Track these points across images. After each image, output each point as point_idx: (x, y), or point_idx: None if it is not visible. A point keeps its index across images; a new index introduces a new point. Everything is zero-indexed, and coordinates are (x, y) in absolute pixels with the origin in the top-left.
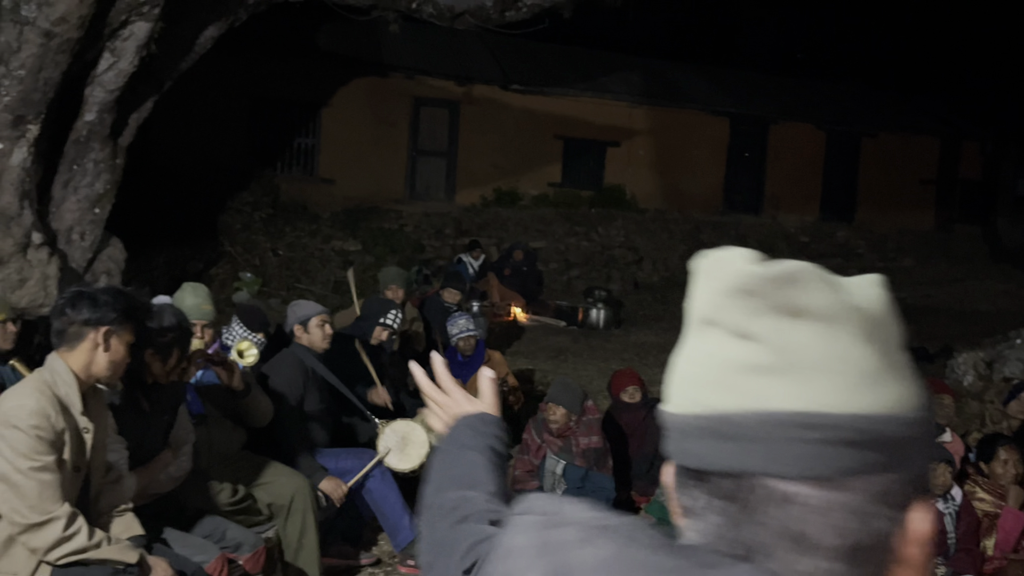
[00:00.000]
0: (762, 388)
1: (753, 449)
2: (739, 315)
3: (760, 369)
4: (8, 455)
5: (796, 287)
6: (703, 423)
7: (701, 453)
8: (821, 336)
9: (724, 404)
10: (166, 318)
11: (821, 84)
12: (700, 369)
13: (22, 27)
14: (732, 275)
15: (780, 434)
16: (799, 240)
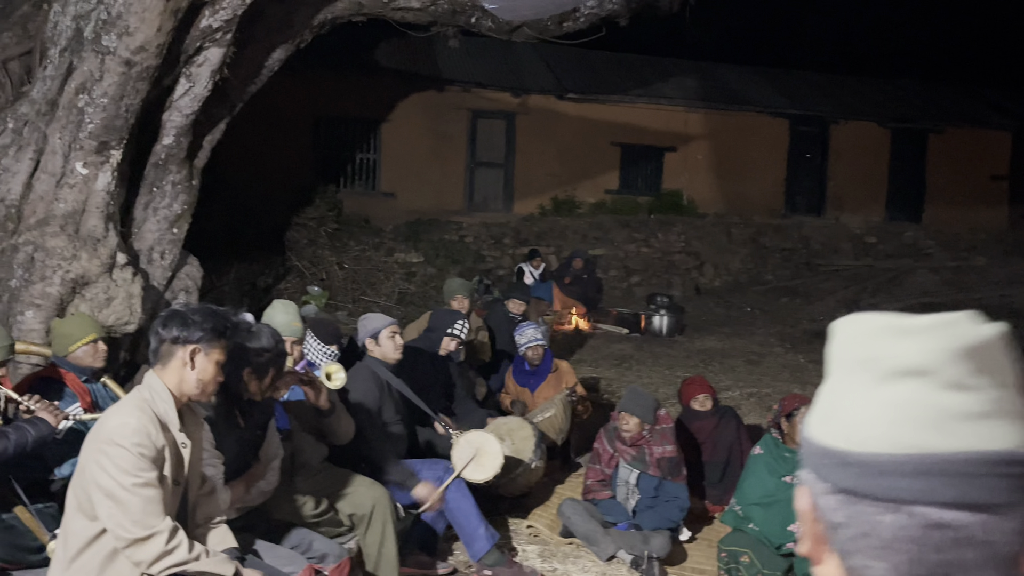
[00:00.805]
0: (980, 432)
1: (971, 483)
2: (958, 370)
3: (977, 416)
4: (113, 472)
5: (1003, 347)
6: (916, 460)
7: (912, 486)
8: (1014, 389)
9: (939, 441)
10: (264, 338)
11: (883, 81)
12: (908, 413)
13: (104, 57)
14: (956, 336)
15: (993, 470)
16: (865, 241)
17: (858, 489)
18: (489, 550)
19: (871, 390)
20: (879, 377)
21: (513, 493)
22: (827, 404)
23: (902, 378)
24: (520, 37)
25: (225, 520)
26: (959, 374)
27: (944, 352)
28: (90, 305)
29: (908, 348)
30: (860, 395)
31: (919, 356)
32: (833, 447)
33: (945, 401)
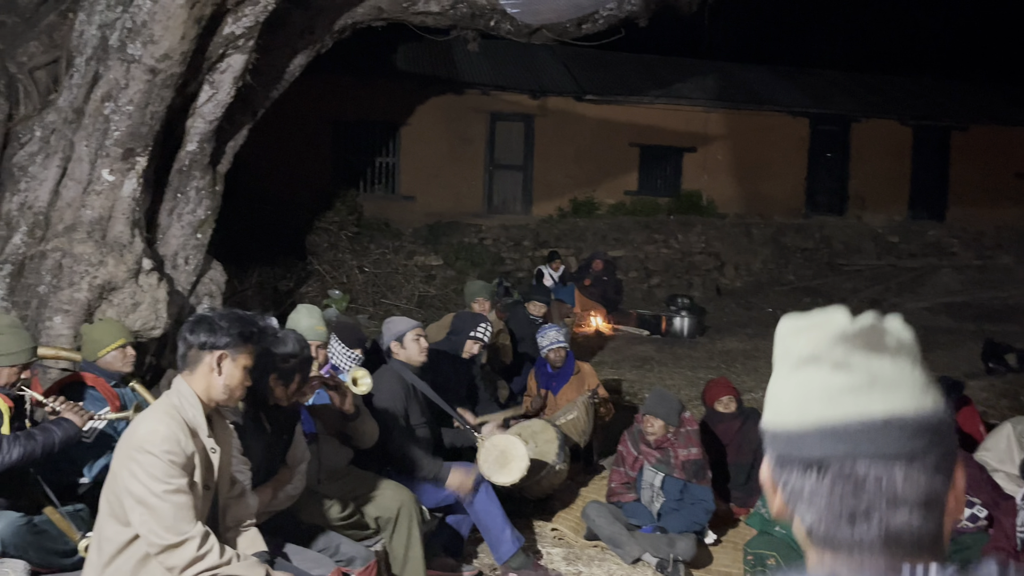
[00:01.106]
0: (859, 402)
1: (860, 443)
2: (839, 353)
3: (856, 389)
4: (144, 479)
5: (875, 334)
6: (819, 430)
7: (819, 450)
8: (893, 364)
9: (834, 415)
10: (290, 344)
11: (904, 78)
12: (807, 392)
13: (129, 65)
14: (833, 327)
15: (877, 432)
16: (887, 240)
17: (785, 457)
18: (515, 553)
19: (786, 378)
20: (790, 367)
21: (537, 495)
22: (768, 393)
23: (803, 365)
24: (539, 39)
25: (255, 524)
26: (837, 355)
27: (823, 339)
28: (117, 310)
29: (802, 341)
30: (781, 383)
31: (808, 345)
32: (769, 427)
33: (830, 380)
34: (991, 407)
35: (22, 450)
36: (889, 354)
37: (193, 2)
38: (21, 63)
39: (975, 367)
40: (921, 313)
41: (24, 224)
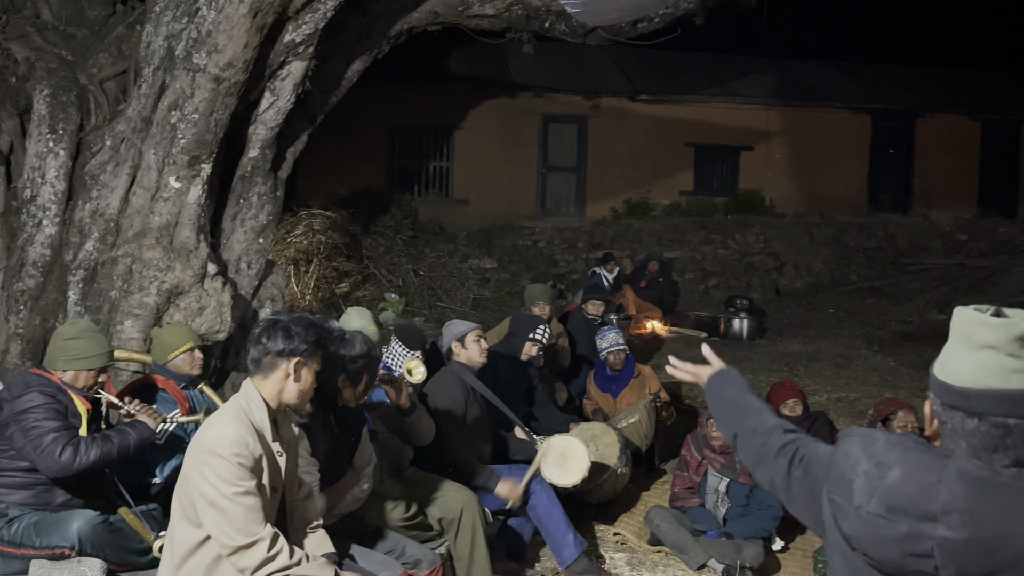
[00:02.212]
0: (1020, 379)
1: (1016, 406)
2: (1015, 348)
3: (1017, 373)
4: (215, 482)
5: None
6: (987, 393)
7: (982, 407)
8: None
9: (1001, 384)
10: (358, 346)
11: (971, 71)
12: (985, 368)
13: (194, 74)
14: (1013, 328)
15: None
16: (955, 239)
17: (955, 404)
18: (578, 557)
19: (967, 354)
20: (971, 348)
21: (598, 499)
22: (945, 357)
23: (982, 349)
24: (594, 40)
25: (322, 525)
26: (1013, 349)
27: (1005, 337)
28: (184, 314)
29: (987, 333)
30: (960, 355)
31: (992, 338)
32: (946, 381)
33: (1004, 363)
34: None
35: (99, 451)
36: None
37: (255, 11)
38: (91, 74)
39: None
40: None
41: (96, 231)
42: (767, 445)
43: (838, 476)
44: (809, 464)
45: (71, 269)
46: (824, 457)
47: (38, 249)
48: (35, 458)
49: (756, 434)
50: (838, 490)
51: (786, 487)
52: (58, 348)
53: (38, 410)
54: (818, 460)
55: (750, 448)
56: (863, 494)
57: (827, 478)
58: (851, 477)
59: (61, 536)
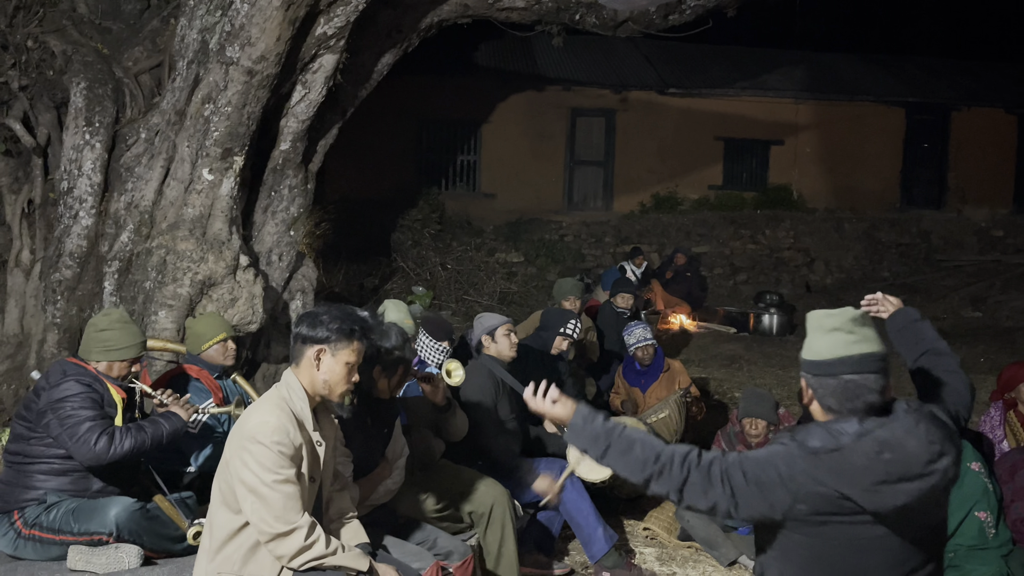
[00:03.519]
0: (857, 347)
1: (856, 365)
2: (850, 326)
3: (855, 343)
4: (255, 469)
5: (861, 317)
6: (838, 359)
7: (837, 370)
8: (868, 331)
9: (845, 352)
10: (393, 337)
11: (1009, 65)
12: (834, 343)
13: (227, 67)
14: (846, 314)
15: (863, 360)
16: (991, 235)
17: (820, 373)
18: (608, 551)
19: (821, 337)
20: (823, 332)
21: (628, 494)
22: (806, 345)
23: (831, 331)
24: (624, 32)
25: (356, 516)
26: (849, 327)
27: (844, 320)
28: (216, 305)
29: (832, 320)
30: (817, 339)
31: (835, 323)
32: (812, 359)
33: (846, 338)
34: None
35: (133, 441)
36: (867, 326)
37: (288, 4)
38: (127, 68)
39: None
40: None
41: (131, 222)
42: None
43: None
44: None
45: (107, 260)
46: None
47: (74, 240)
48: (71, 446)
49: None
50: (832, 482)
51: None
52: (92, 339)
53: (75, 399)
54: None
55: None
56: (874, 473)
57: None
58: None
59: (99, 522)
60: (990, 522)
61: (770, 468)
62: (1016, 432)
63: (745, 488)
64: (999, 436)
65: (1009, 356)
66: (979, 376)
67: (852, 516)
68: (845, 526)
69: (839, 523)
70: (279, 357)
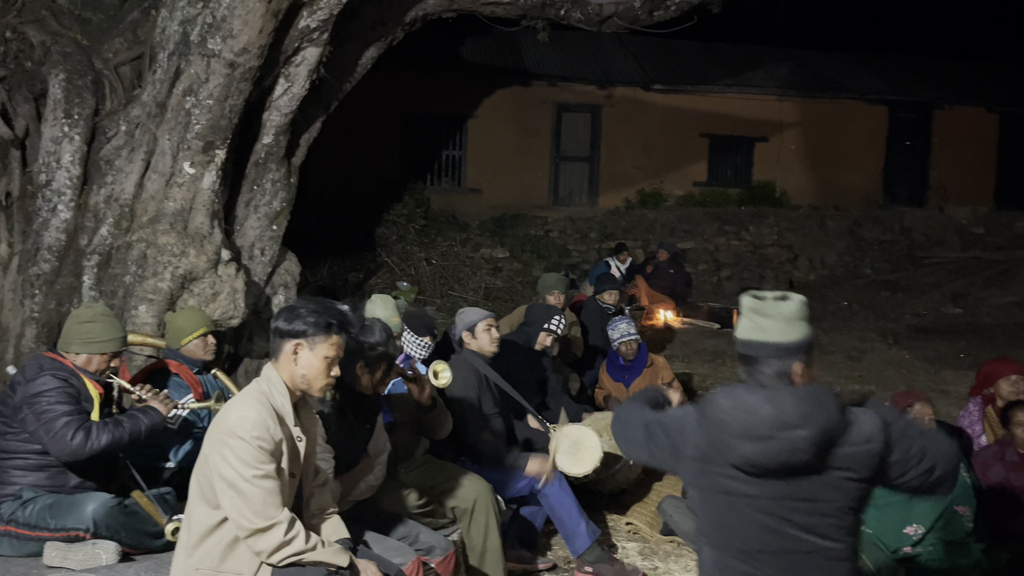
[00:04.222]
0: (765, 333)
1: (760, 349)
2: (761, 307)
3: (763, 331)
4: (235, 464)
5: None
6: (749, 343)
7: (751, 350)
8: (781, 317)
9: (755, 337)
10: (377, 333)
11: (991, 63)
12: (754, 325)
13: (209, 59)
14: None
15: (770, 346)
16: (972, 232)
17: (738, 353)
18: (590, 546)
19: (745, 319)
20: (745, 313)
21: (611, 489)
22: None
23: (748, 314)
24: (609, 28)
25: (337, 511)
26: (766, 311)
27: (759, 305)
28: (197, 300)
29: (751, 303)
30: (743, 319)
31: (793, 308)
32: (737, 337)
33: (749, 324)
34: None
35: (110, 436)
36: (782, 313)
37: None
38: (106, 59)
39: None
40: (1010, 308)
41: (111, 216)
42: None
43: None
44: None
45: (86, 254)
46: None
47: (53, 234)
48: (47, 441)
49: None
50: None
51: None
52: (73, 331)
53: (51, 394)
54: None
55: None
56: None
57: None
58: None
59: (76, 518)
60: (969, 516)
61: (676, 419)
62: (995, 427)
63: (655, 437)
64: (978, 431)
65: (989, 352)
66: (959, 372)
67: (721, 467)
68: (719, 477)
69: (715, 474)
70: (261, 352)
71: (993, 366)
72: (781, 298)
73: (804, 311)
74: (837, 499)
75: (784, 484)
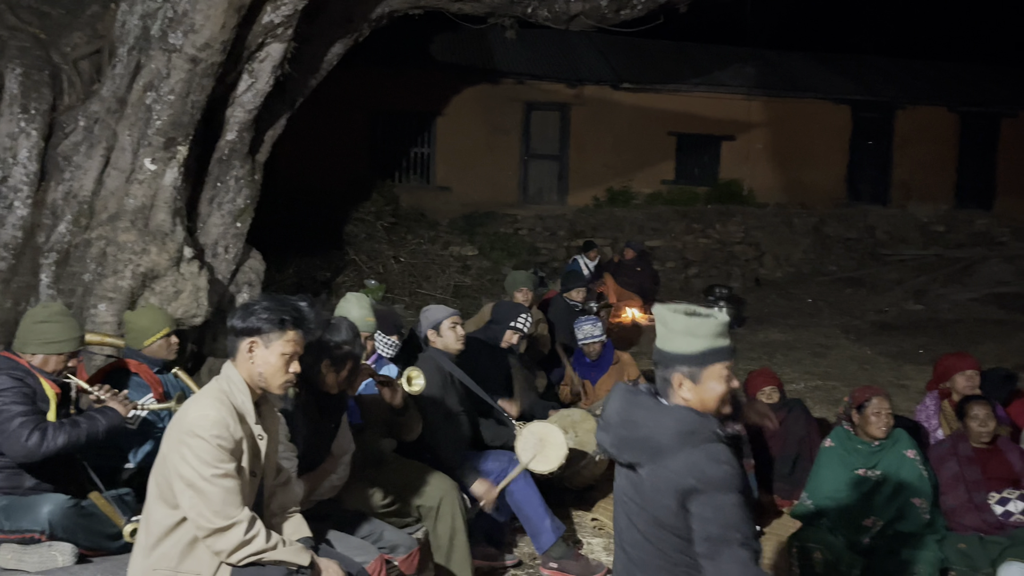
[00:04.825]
0: (660, 340)
1: (656, 355)
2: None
3: (660, 338)
4: (194, 463)
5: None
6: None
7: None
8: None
9: (657, 343)
10: (343, 332)
11: (952, 64)
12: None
13: (170, 54)
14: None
15: (658, 351)
16: (933, 230)
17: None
18: (555, 542)
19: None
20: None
21: (577, 486)
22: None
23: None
24: (577, 26)
25: (299, 510)
26: (667, 321)
27: (669, 316)
28: (159, 298)
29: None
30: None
31: (683, 322)
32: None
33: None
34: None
35: (66, 437)
36: (667, 326)
37: None
38: (65, 53)
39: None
40: (969, 304)
41: (69, 213)
42: None
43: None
44: None
45: (44, 252)
46: None
47: (9, 231)
48: (1, 442)
49: None
50: None
51: None
52: (29, 331)
53: (6, 394)
54: None
55: None
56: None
57: None
58: None
59: (31, 520)
60: (925, 508)
61: None
62: (951, 421)
63: None
64: (934, 425)
65: (948, 348)
66: (919, 367)
67: None
68: None
69: None
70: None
71: (950, 361)
72: (689, 313)
73: (705, 328)
74: (653, 506)
75: (630, 474)
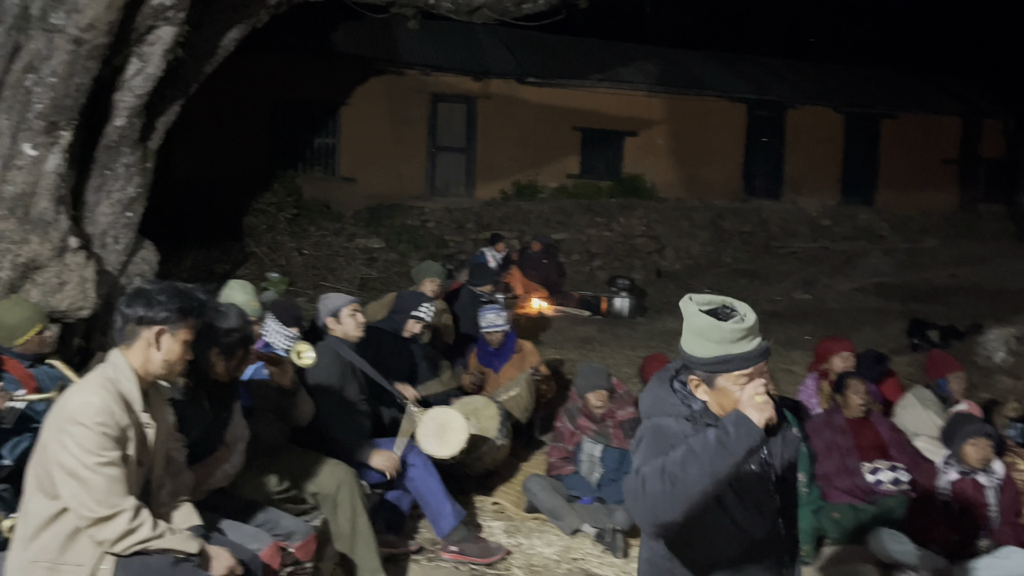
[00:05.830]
0: (685, 342)
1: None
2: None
3: (684, 335)
4: (75, 451)
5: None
6: (698, 359)
7: (703, 366)
8: (705, 327)
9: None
10: (232, 319)
11: (838, 67)
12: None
13: (52, 35)
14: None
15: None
16: (820, 224)
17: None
18: (455, 527)
19: (688, 339)
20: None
21: (479, 472)
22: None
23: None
24: (480, 19)
25: (190, 499)
26: (702, 330)
27: (716, 330)
28: (42, 290)
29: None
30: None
31: (698, 323)
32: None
33: (695, 340)
34: (915, 380)
35: None
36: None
37: None
38: None
39: (901, 343)
40: (852, 293)
41: None
42: None
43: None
44: None
45: None
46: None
47: None
48: None
49: None
50: None
51: None
52: None
53: None
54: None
55: None
56: None
57: None
58: None
59: None
60: (804, 482)
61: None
62: (828, 399)
63: None
64: (814, 404)
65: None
66: (805, 353)
67: None
68: None
69: None
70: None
71: (829, 344)
72: (712, 311)
73: (718, 334)
74: None
75: None
